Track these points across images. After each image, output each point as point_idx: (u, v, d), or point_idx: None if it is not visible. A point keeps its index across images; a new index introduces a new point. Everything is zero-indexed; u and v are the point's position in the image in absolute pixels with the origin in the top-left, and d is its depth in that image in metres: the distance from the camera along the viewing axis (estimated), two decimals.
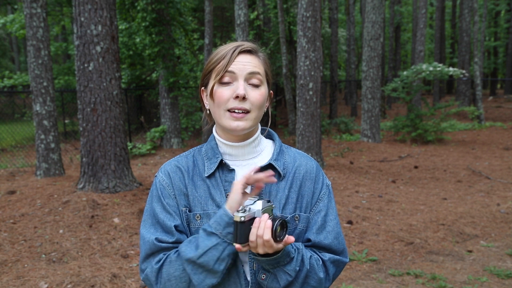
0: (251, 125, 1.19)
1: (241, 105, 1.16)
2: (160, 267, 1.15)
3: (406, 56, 33.19)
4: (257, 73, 1.19)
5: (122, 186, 5.86)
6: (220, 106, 1.18)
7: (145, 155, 10.30)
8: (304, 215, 1.24)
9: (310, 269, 1.18)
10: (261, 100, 1.19)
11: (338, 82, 17.95)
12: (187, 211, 1.22)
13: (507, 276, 3.78)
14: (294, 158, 1.30)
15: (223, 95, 1.17)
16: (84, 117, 5.76)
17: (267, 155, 1.28)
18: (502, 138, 12.19)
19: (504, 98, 25.27)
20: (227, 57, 1.17)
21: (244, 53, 1.20)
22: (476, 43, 15.88)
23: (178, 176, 1.25)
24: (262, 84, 1.21)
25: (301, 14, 7.28)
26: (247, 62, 1.18)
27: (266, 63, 1.24)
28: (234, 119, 1.17)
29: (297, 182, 1.25)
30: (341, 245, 1.26)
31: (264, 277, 1.16)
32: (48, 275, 3.70)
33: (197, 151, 1.30)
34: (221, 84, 1.18)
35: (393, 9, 20.78)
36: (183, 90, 11.78)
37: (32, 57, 6.93)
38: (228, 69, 1.16)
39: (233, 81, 1.17)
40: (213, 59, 1.20)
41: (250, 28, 14.28)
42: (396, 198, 6.24)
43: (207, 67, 1.22)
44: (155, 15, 10.04)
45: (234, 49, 1.18)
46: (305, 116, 7.37)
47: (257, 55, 1.22)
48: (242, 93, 1.15)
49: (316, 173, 1.29)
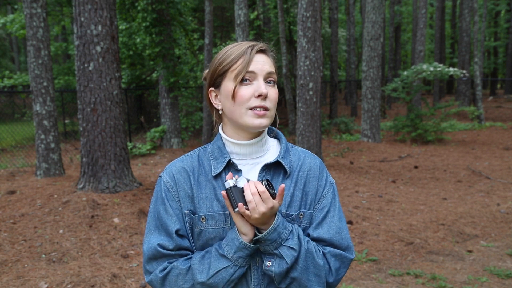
0: (270, 122, 1.22)
1: (263, 103, 1.19)
2: (165, 276, 1.19)
3: (406, 56, 33.19)
4: (273, 72, 1.22)
5: (122, 186, 5.86)
6: (242, 105, 1.19)
7: (145, 155, 10.30)
8: (308, 212, 1.25)
9: (308, 251, 1.17)
10: (277, 98, 1.23)
11: (338, 82, 17.95)
12: (190, 214, 1.22)
13: (507, 276, 3.78)
14: (299, 156, 1.31)
15: (245, 93, 1.19)
16: (84, 117, 5.76)
17: (273, 154, 1.29)
18: (502, 138, 12.19)
19: (504, 98, 25.27)
20: (246, 57, 1.19)
21: (260, 53, 1.22)
22: (476, 43, 15.88)
23: (183, 177, 1.25)
24: (275, 83, 1.24)
25: (301, 14, 7.28)
26: (263, 61, 1.21)
27: (274, 62, 1.27)
28: (257, 116, 1.19)
29: (302, 180, 1.26)
30: (344, 240, 1.25)
31: (270, 264, 1.17)
32: (48, 275, 3.70)
33: (202, 151, 1.30)
34: (241, 84, 1.19)
35: (393, 9, 20.78)
36: (183, 90, 11.78)
37: (32, 57, 6.93)
38: (249, 69, 1.18)
39: (253, 80, 1.19)
40: (227, 60, 1.21)
41: (250, 28, 14.28)
42: (396, 198, 6.24)
43: (220, 68, 1.22)
44: (156, 15, 10.04)
45: (251, 48, 1.20)
46: (305, 116, 7.37)
47: (269, 54, 1.25)
48: (266, 92, 1.18)
49: (320, 171, 1.30)
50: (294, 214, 1.23)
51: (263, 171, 1.24)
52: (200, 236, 1.21)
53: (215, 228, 1.20)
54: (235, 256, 1.14)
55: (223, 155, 1.24)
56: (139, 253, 4.24)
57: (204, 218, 1.20)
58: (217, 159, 1.25)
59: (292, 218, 1.23)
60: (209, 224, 1.20)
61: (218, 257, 1.15)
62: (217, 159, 1.25)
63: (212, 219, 1.20)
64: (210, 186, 1.23)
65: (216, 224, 1.20)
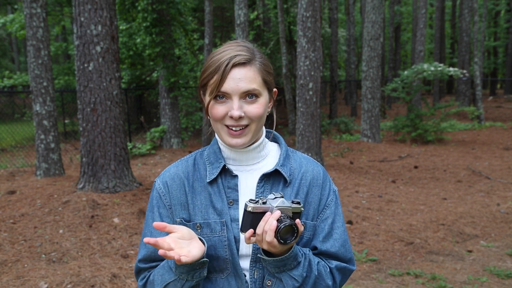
0: (251, 138, 1.16)
1: (237, 123, 1.12)
2: (143, 284, 1.23)
3: (406, 56, 33.19)
4: (252, 89, 1.12)
5: (122, 186, 5.86)
6: (217, 122, 1.15)
7: (145, 155, 10.30)
8: (311, 223, 1.21)
9: (318, 275, 1.16)
10: (259, 112, 1.14)
11: (338, 82, 17.95)
12: (183, 221, 1.19)
13: (507, 276, 3.78)
14: (300, 163, 1.26)
15: (219, 112, 1.13)
16: (84, 117, 5.76)
17: (272, 160, 1.24)
18: (502, 138, 12.19)
19: (504, 98, 25.27)
20: (219, 73, 1.10)
21: (239, 67, 1.11)
22: (476, 43, 15.88)
23: (176, 184, 1.22)
24: (261, 95, 1.14)
25: (301, 14, 7.28)
26: (240, 78, 1.10)
27: (264, 69, 1.16)
28: (232, 136, 1.13)
29: (304, 189, 1.22)
30: (348, 253, 1.24)
31: (270, 284, 1.15)
32: (48, 275, 3.70)
33: (199, 155, 1.27)
34: (215, 100, 1.13)
35: (393, 9, 20.78)
36: (183, 90, 11.78)
37: (32, 57, 6.93)
38: (221, 89, 1.10)
39: (228, 99, 1.12)
40: (208, 70, 1.13)
41: (250, 28, 14.28)
42: (396, 198, 6.24)
43: (202, 79, 1.16)
44: (156, 15, 10.04)
45: (227, 63, 1.10)
46: (305, 116, 7.37)
47: (252, 64, 1.13)
48: (237, 115, 1.10)
49: (323, 179, 1.25)
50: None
51: (262, 180, 1.19)
52: None
53: (210, 236, 1.16)
54: (177, 271, 1.11)
55: (218, 160, 1.21)
56: None
57: (199, 226, 1.18)
58: (213, 164, 1.21)
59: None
60: (204, 232, 1.17)
61: (168, 269, 1.14)
62: (213, 164, 1.21)
63: (208, 227, 1.17)
64: (206, 193, 1.20)
65: (212, 232, 1.16)
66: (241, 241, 1.17)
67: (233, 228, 1.16)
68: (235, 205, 1.18)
